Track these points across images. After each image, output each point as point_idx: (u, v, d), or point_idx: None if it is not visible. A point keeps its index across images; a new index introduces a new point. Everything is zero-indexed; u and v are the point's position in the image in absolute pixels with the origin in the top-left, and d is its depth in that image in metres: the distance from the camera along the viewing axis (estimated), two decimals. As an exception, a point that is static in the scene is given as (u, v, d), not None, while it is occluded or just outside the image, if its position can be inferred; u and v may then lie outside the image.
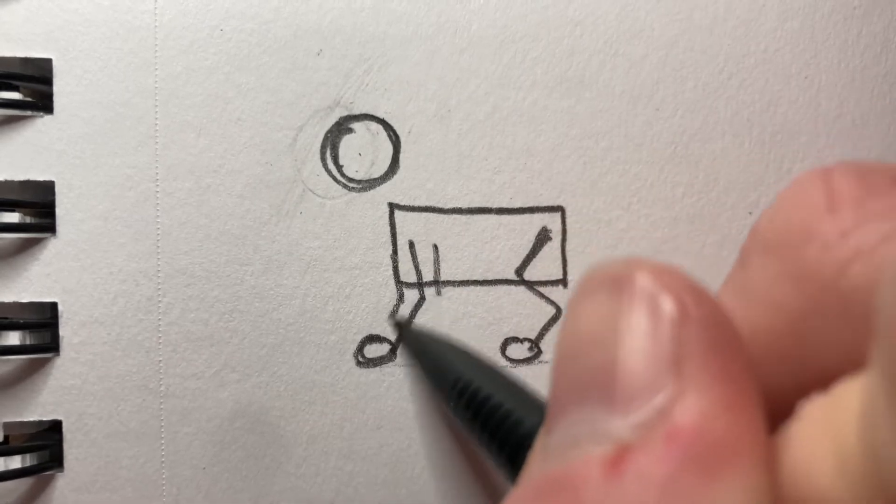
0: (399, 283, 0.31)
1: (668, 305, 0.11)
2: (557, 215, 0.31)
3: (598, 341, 0.11)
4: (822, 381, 0.11)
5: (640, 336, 0.11)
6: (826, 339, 0.11)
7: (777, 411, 0.11)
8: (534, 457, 0.12)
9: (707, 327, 0.11)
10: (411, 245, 0.31)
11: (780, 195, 0.13)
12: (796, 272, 0.12)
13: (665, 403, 0.10)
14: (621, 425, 0.10)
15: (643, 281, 0.11)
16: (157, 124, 0.29)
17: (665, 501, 0.10)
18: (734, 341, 0.11)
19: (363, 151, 0.30)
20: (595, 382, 0.11)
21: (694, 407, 0.10)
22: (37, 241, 0.29)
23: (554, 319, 0.31)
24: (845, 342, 0.11)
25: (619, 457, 0.10)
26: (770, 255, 0.12)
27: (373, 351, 0.30)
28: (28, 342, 0.29)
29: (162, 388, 0.29)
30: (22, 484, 0.28)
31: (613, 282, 0.11)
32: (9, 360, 0.28)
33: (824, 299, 0.11)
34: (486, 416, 0.23)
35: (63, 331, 0.29)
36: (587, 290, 0.12)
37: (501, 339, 0.31)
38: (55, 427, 0.29)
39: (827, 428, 0.10)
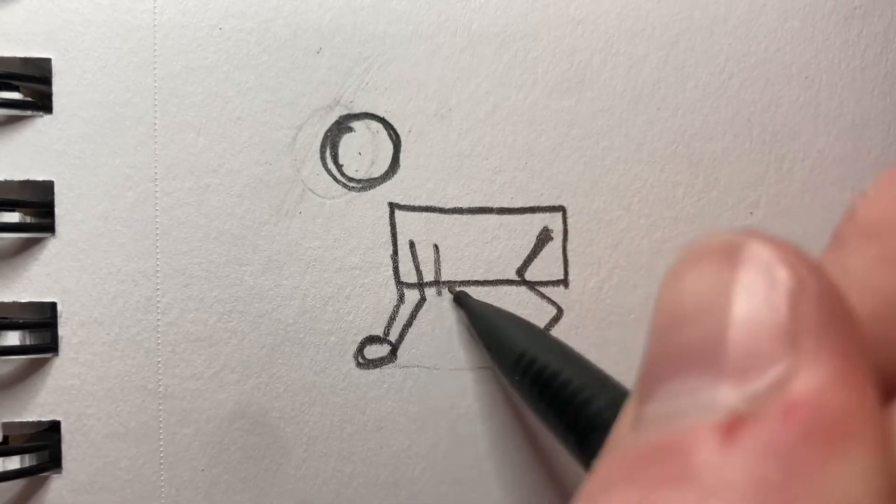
0: (399, 283, 0.31)
1: (785, 276, 0.11)
2: (558, 215, 0.31)
3: (707, 309, 0.11)
4: None
5: (754, 305, 0.10)
6: None
7: (882, 393, 0.11)
8: (622, 428, 0.12)
9: (823, 301, 0.11)
10: (412, 245, 0.31)
11: (880, 180, 0.12)
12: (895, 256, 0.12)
13: (782, 375, 0.10)
14: (735, 395, 0.10)
15: (759, 250, 0.11)
16: (156, 124, 0.29)
17: (786, 472, 0.09)
18: (849, 317, 0.11)
19: (363, 151, 0.30)
20: (703, 351, 0.11)
21: (813, 381, 0.10)
22: (36, 241, 0.29)
23: (555, 319, 0.31)
24: None
25: (734, 426, 0.10)
26: (869, 238, 0.12)
27: (373, 352, 0.30)
28: (27, 342, 0.29)
29: (161, 389, 0.29)
30: (20, 484, 0.28)
31: (726, 250, 0.11)
32: (8, 360, 0.28)
33: None
34: (553, 393, 0.22)
35: (62, 331, 0.29)
36: (694, 257, 0.11)
37: (502, 340, 0.31)
38: (54, 427, 0.29)
39: None
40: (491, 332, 0.28)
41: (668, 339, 0.11)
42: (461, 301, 0.30)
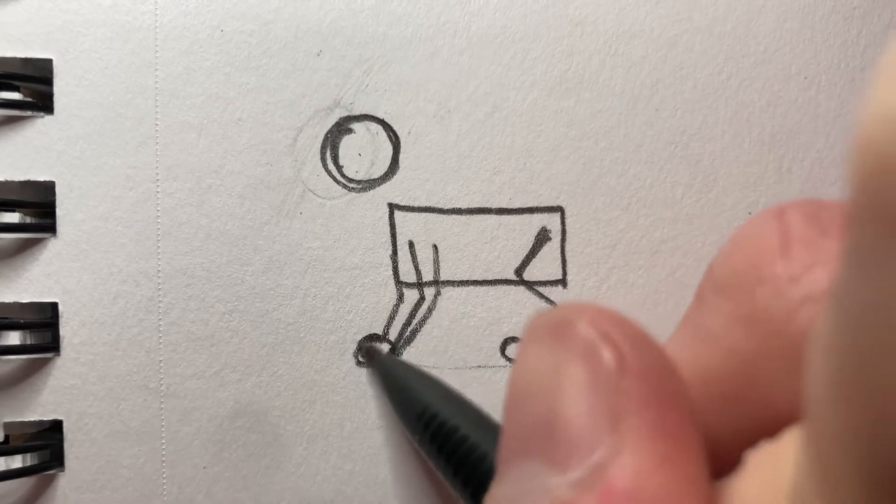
0: (399, 283, 0.31)
1: (607, 357, 0.11)
2: (557, 215, 0.31)
3: (540, 393, 0.11)
4: (772, 427, 0.11)
5: (578, 389, 0.11)
6: (775, 384, 0.11)
7: (729, 457, 0.11)
8: None
9: (647, 379, 0.11)
10: (411, 245, 0.31)
11: (735, 235, 0.12)
12: (748, 315, 0.11)
13: (601, 461, 0.10)
14: (561, 482, 0.10)
15: (584, 329, 0.11)
16: (157, 125, 0.29)
17: None
18: (675, 392, 0.11)
19: (363, 152, 0.30)
20: (538, 436, 0.11)
21: (629, 465, 0.10)
22: (37, 242, 0.29)
23: (553, 319, 0.31)
24: (794, 388, 0.11)
25: None
26: (723, 296, 0.12)
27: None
28: (28, 342, 0.29)
29: (162, 388, 0.29)
30: (23, 484, 0.29)
31: (555, 330, 0.11)
32: (9, 360, 0.28)
33: (774, 344, 0.11)
34: (451, 449, 0.23)
35: (63, 331, 0.29)
36: (531, 337, 0.12)
37: (501, 339, 0.31)
38: (56, 427, 0.29)
39: (768, 480, 0.10)
40: (395, 388, 0.28)
41: (513, 422, 0.11)
42: (370, 357, 0.30)
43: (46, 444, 0.29)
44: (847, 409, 0.08)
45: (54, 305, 0.29)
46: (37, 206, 0.29)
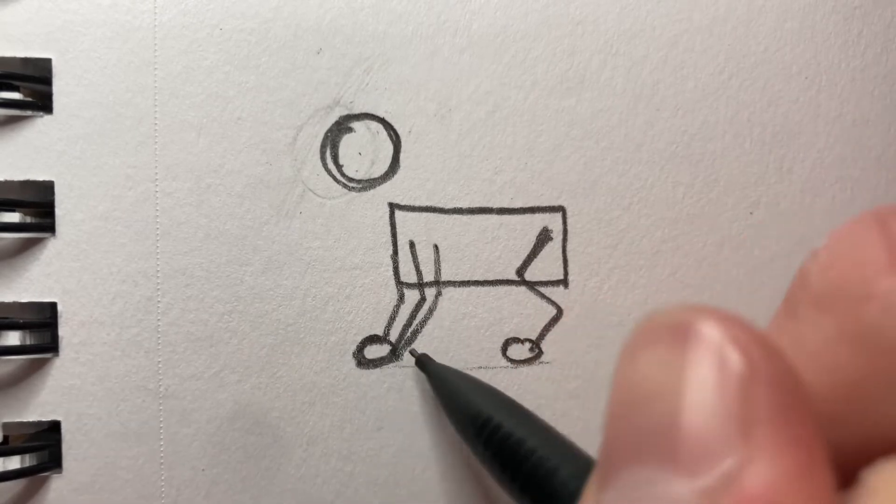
0: (399, 283, 0.31)
1: (736, 360, 0.10)
2: (558, 215, 0.31)
3: (659, 395, 0.10)
4: (887, 445, 0.10)
5: (706, 393, 0.10)
6: (889, 405, 0.11)
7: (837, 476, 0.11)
8: None
9: (777, 386, 0.10)
10: (412, 245, 0.31)
11: (834, 243, 0.12)
12: (855, 333, 0.11)
13: (734, 469, 0.10)
14: (686, 489, 0.10)
15: (709, 332, 0.10)
16: (156, 124, 0.29)
17: None
18: (805, 402, 0.10)
19: (363, 151, 0.30)
20: (656, 440, 0.10)
21: (765, 475, 0.10)
22: (36, 241, 0.29)
23: (555, 320, 0.31)
24: None
25: None
26: (825, 311, 0.11)
27: (373, 352, 0.30)
28: (28, 342, 0.29)
29: (161, 389, 0.29)
30: (21, 484, 0.28)
31: (676, 331, 0.11)
32: (8, 360, 0.28)
33: (887, 364, 0.11)
34: (517, 463, 0.22)
35: (62, 331, 0.29)
36: (646, 338, 0.11)
37: (502, 340, 0.31)
38: (54, 427, 0.29)
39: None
40: (453, 396, 0.27)
41: (623, 426, 0.11)
42: (423, 364, 0.30)
43: (45, 445, 0.29)
44: None
45: (53, 305, 0.29)
46: (36, 206, 0.29)
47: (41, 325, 0.29)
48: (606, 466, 0.11)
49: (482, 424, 0.24)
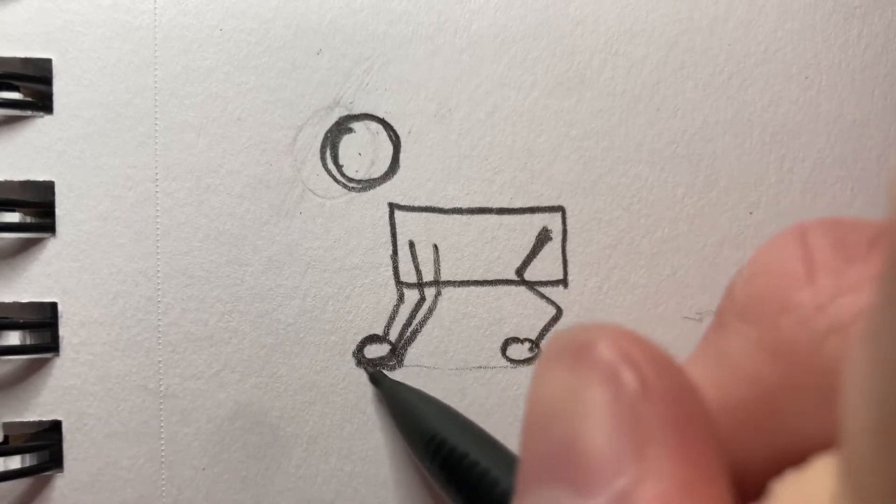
0: (399, 283, 0.31)
1: (629, 379, 0.10)
2: (558, 215, 0.31)
3: (560, 416, 0.11)
4: (797, 456, 0.11)
5: (600, 413, 0.10)
6: (801, 414, 0.11)
7: (750, 486, 0.11)
8: None
9: (670, 403, 0.10)
10: (411, 245, 0.31)
11: (756, 257, 0.12)
12: (772, 344, 0.11)
13: (626, 488, 0.10)
14: None
15: (604, 351, 0.11)
16: (156, 124, 0.29)
17: None
18: (699, 416, 0.11)
19: (363, 151, 0.30)
20: (558, 461, 0.11)
21: (653, 492, 0.10)
22: (37, 242, 0.29)
23: (555, 319, 0.31)
24: (820, 418, 0.11)
25: None
26: (746, 322, 0.12)
27: (373, 351, 0.30)
28: (28, 342, 0.29)
29: (161, 389, 0.29)
30: (21, 484, 0.28)
31: (575, 352, 0.11)
32: (9, 360, 0.28)
33: (800, 374, 0.11)
34: (461, 475, 0.22)
35: (63, 331, 0.29)
36: (550, 359, 0.11)
37: (502, 340, 0.31)
38: (55, 427, 0.29)
39: None
40: (404, 414, 0.28)
41: (532, 445, 0.11)
42: (377, 381, 0.30)
43: (45, 445, 0.29)
44: (887, 441, 0.07)
45: (54, 305, 0.29)
46: (36, 206, 0.29)
47: (41, 325, 0.29)
48: (520, 484, 0.11)
49: (429, 440, 0.25)
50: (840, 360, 0.10)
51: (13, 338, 0.28)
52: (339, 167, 0.30)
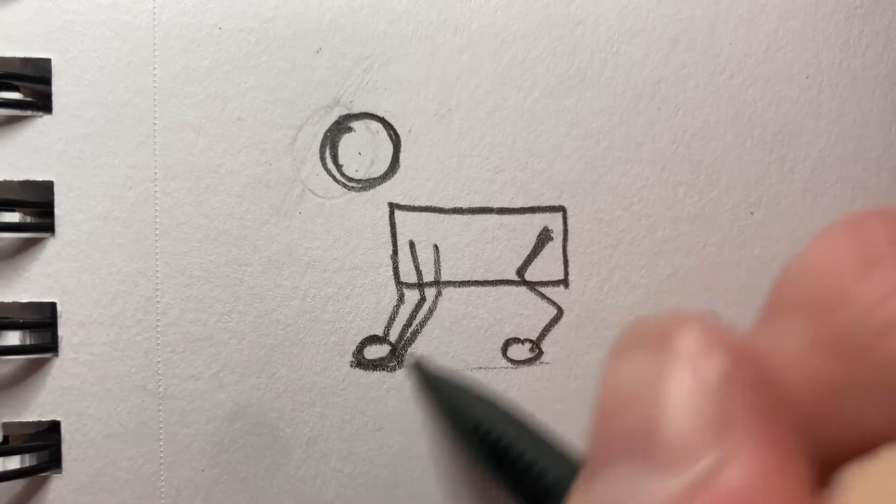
0: (399, 283, 0.30)
1: (714, 365, 0.11)
2: (559, 215, 0.31)
3: (642, 398, 0.11)
4: (858, 447, 0.11)
5: (684, 396, 0.11)
6: (863, 410, 0.11)
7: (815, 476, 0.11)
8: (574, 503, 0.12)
9: (753, 389, 0.11)
10: (412, 245, 0.31)
11: (809, 249, 0.12)
12: (830, 339, 0.11)
13: (712, 467, 0.10)
14: (666, 486, 0.10)
15: (688, 339, 0.11)
16: (156, 124, 0.29)
17: None
18: (780, 404, 0.11)
19: (363, 151, 0.30)
20: (637, 440, 0.11)
21: (742, 472, 0.10)
22: (36, 241, 0.29)
23: (555, 320, 0.31)
24: (884, 413, 0.11)
25: None
26: (800, 317, 0.12)
27: (373, 352, 0.30)
28: (27, 342, 0.29)
29: (161, 389, 0.29)
30: (20, 484, 0.28)
31: (657, 339, 0.11)
32: (8, 360, 0.28)
33: (861, 369, 0.11)
34: (508, 466, 0.23)
35: (62, 331, 0.29)
36: (629, 345, 0.12)
37: (502, 340, 0.31)
38: (54, 427, 0.29)
39: (876, 498, 0.10)
40: (446, 402, 0.28)
41: (607, 427, 0.11)
42: (419, 369, 0.30)
43: (44, 445, 0.29)
44: None
45: (53, 305, 0.29)
46: (36, 206, 0.29)
47: (41, 325, 0.29)
48: (592, 465, 0.11)
49: (474, 429, 0.25)
50: None
51: (12, 338, 0.28)
52: (338, 167, 0.30)
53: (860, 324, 0.11)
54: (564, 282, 0.31)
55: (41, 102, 0.29)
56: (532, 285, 0.31)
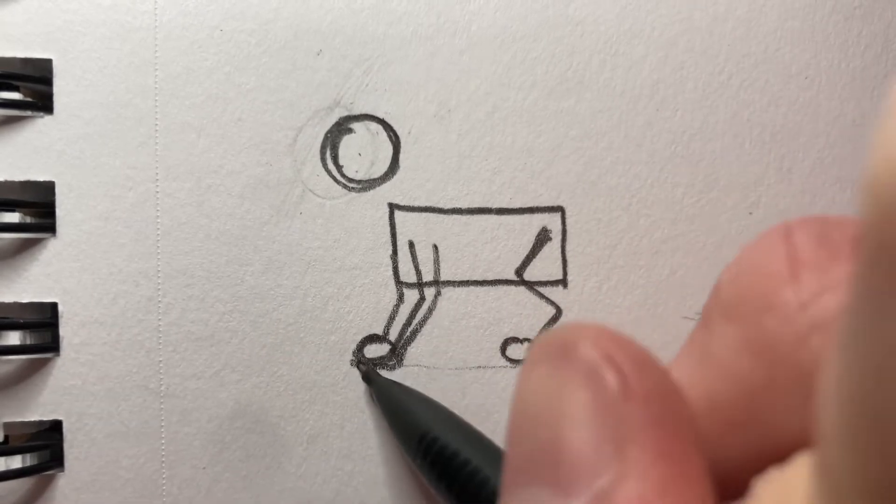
0: (399, 283, 0.31)
1: (610, 379, 0.11)
2: (557, 215, 0.31)
3: (543, 417, 0.11)
4: (781, 454, 0.11)
5: (582, 413, 0.11)
6: (784, 413, 0.11)
7: (735, 484, 0.11)
8: None
9: (651, 403, 0.10)
10: (411, 245, 0.31)
11: (741, 255, 0.12)
12: (756, 343, 0.11)
13: (606, 487, 0.10)
14: None
15: (585, 351, 0.11)
16: (157, 125, 0.29)
17: None
18: (680, 417, 0.11)
19: (363, 151, 0.30)
20: (542, 461, 0.11)
21: (635, 490, 0.10)
22: (37, 242, 0.29)
23: (554, 319, 0.31)
24: (803, 416, 0.11)
25: None
26: (730, 321, 0.12)
27: (373, 351, 0.30)
28: (28, 342, 0.29)
29: (162, 388, 0.29)
30: (22, 484, 0.28)
31: (557, 352, 0.11)
32: (9, 360, 0.28)
33: (782, 372, 0.11)
34: (453, 473, 0.23)
35: (63, 331, 0.29)
36: (533, 359, 0.12)
37: (501, 340, 0.31)
38: (55, 427, 0.29)
39: None
40: (395, 411, 0.28)
41: (516, 446, 0.11)
42: (369, 378, 0.30)
43: (46, 445, 0.29)
44: (859, 442, 0.07)
45: (54, 305, 0.29)
46: (37, 206, 0.29)
47: (42, 325, 0.29)
48: (505, 485, 0.11)
49: (421, 437, 0.25)
50: (821, 358, 0.10)
51: (13, 338, 0.28)
52: (339, 167, 0.30)
53: (784, 328, 0.11)
54: (563, 282, 0.31)
55: (42, 103, 0.29)
56: (531, 285, 0.31)
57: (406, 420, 0.27)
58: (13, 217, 0.28)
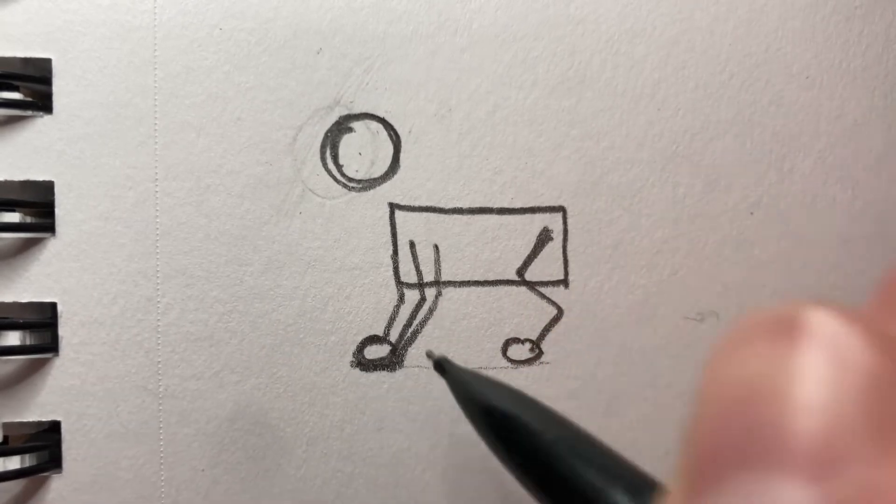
0: (399, 283, 0.31)
1: (860, 356, 0.09)
2: (559, 215, 0.31)
3: (766, 395, 0.09)
4: None
5: (824, 391, 0.09)
6: None
7: None
8: None
9: None
10: (412, 245, 0.31)
11: None
12: None
13: (870, 476, 0.09)
14: (811, 497, 0.09)
15: (824, 323, 0.09)
16: (156, 124, 0.29)
17: None
18: None
19: (363, 151, 0.30)
20: (766, 444, 0.09)
21: None
22: (36, 242, 0.29)
23: (555, 320, 0.31)
24: None
25: None
26: None
27: (373, 352, 0.30)
28: (27, 342, 0.29)
29: (161, 389, 0.29)
30: (21, 484, 0.28)
31: (781, 324, 0.10)
32: (8, 360, 0.28)
33: None
34: (537, 456, 0.22)
35: (62, 331, 0.29)
36: (746, 335, 0.10)
37: (502, 340, 0.31)
38: (54, 427, 0.29)
39: None
40: (472, 398, 0.27)
41: (721, 430, 0.10)
42: (443, 368, 0.28)
43: (45, 445, 0.29)
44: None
45: (53, 305, 0.29)
46: (36, 206, 0.29)
47: (41, 325, 0.29)
48: (703, 476, 0.10)
49: (501, 423, 0.24)
50: None
51: (13, 338, 0.28)
52: (339, 167, 0.30)
53: None
54: (564, 282, 0.31)
55: (41, 102, 0.29)
56: (532, 285, 0.31)
57: (484, 408, 0.26)
58: (13, 217, 0.28)
